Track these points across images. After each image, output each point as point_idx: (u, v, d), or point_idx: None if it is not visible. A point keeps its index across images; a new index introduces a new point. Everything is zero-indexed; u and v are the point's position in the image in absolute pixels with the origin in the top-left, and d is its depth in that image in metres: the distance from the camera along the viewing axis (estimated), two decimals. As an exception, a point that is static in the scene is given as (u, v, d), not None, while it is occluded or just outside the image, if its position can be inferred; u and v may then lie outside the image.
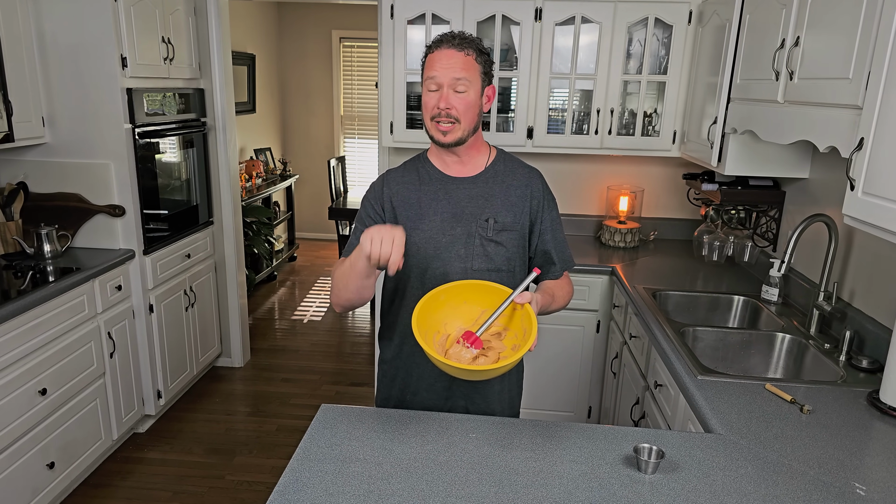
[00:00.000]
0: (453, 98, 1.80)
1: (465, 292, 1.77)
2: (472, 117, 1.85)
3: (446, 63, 1.78)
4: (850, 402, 2.01)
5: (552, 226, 1.99)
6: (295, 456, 1.62)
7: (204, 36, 4.19)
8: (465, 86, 1.79)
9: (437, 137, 1.85)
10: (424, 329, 1.68)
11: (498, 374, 1.60)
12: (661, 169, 4.12)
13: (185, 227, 4.11)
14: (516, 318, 1.75)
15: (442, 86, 1.79)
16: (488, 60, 1.86)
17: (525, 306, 1.68)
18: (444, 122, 1.81)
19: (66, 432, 3.12)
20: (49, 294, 2.95)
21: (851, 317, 2.49)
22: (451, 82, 1.78)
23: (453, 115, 1.80)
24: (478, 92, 1.83)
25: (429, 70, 1.82)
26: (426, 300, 1.72)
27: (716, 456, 1.67)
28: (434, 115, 1.82)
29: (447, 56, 1.79)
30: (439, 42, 1.81)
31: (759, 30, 2.67)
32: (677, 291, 3.10)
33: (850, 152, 1.85)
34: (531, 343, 1.60)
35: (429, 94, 1.83)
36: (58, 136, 3.46)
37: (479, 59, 1.82)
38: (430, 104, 1.83)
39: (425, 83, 1.83)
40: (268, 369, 4.84)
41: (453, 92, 1.80)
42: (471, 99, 1.82)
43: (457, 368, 1.57)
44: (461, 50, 1.79)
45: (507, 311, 1.74)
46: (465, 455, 1.64)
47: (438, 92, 1.81)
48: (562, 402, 3.77)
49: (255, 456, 3.71)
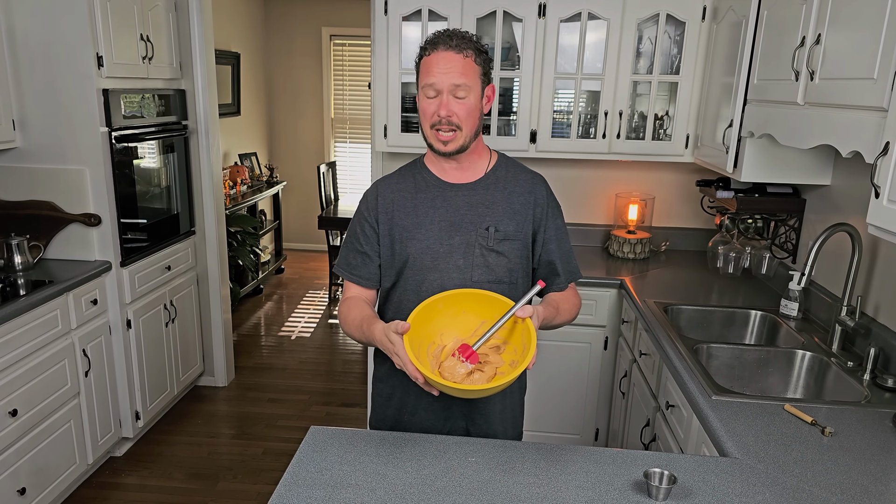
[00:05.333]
0: (454, 104, 1.80)
1: (464, 302, 1.77)
2: (474, 123, 1.86)
3: (444, 67, 1.78)
4: (875, 424, 2.02)
5: (557, 234, 2.00)
6: (282, 481, 1.62)
7: (185, 33, 4.21)
8: (466, 91, 1.80)
9: (438, 147, 1.86)
10: (419, 339, 1.69)
11: (493, 392, 1.60)
12: (673, 175, 4.14)
13: (165, 237, 4.12)
14: (517, 332, 1.75)
15: (441, 92, 1.80)
16: (487, 59, 1.87)
17: (525, 321, 1.68)
18: (444, 130, 1.82)
19: (37, 456, 3.12)
20: (20, 309, 2.95)
21: (876, 333, 2.49)
22: (451, 88, 1.79)
23: (454, 123, 1.81)
24: (478, 96, 1.84)
25: (426, 75, 1.82)
26: (422, 308, 1.73)
27: (731, 481, 1.68)
28: (434, 123, 1.83)
29: (445, 60, 1.79)
30: (434, 43, 1.81)
31: (777, 27, 2.69)
32: (690, 306, 3.11)
33: (874, 157, 1.86)
34: (529, 360, 1.60)
35: (427, 101, 1.83)
36: (29, 140, 3.47)
37: (478, 59, 1.83)
38: (428, 111, 1.83)
39: (422, 89, 1.83)
40: (253, 389, 4.83)
41: (453, 98, 1.80)
42: (472, 104, 1.82)
43: (449, 387, 1.57)
44: (459, 52, 1.79)
45: (508, 324, 1.74)
46: (465, 480, 1.64)
47: (437, 98, 1.81)
48: (567, 423, 3.77)
49: (240, 481, 3.70)
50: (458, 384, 1.64)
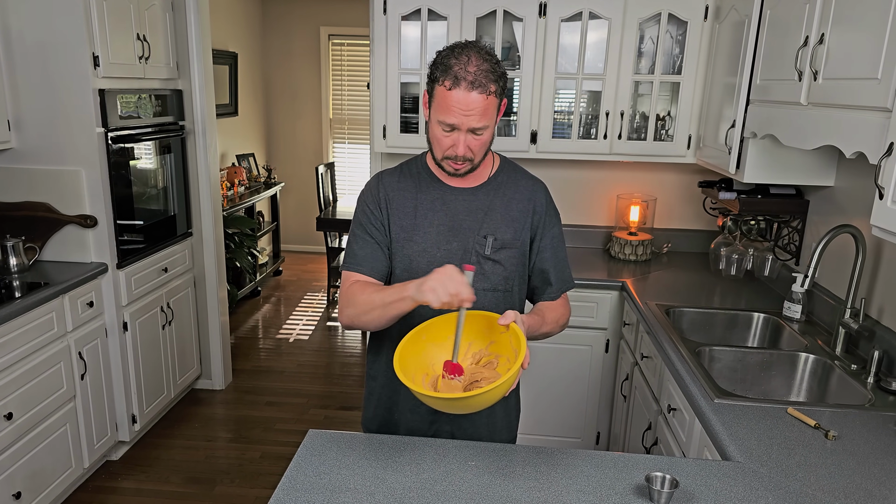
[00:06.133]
0: (471, 141, 1.78)
1: (447, 326, 1.75)
2: (486, 150, 1.85)
3: (465, 110, 1.72)
4: (879, 428, 2.02)
5: (552, 243, 2.00)
6: (280, 485, 1.62)
7: (182, 33, 4.21)
8: (483, 130, 1.77)
9: (450, 172, 1.86)
10: (411, 373, 1.67)
11: (487, 402, 1.57)
12: (675, 176, 4.14)
13: (161, 238, 4.12)
14: (504, 343, 1.73)
15: (459, 129, 1.76)
16: (506, 81, 1.80)
17: (511, 326, 1.65)
18: (458, 162, 1.81)
19: (33, 460, 3.11)
20: (15, 311, 2.95)
21: (880, 335, 2.49)
22: (470, 128, 1.75)
23: (469, 157, 1.80)
24: (494, 126, 1.82)
25: (443, 112, 1.74)
26: (406, 343, 1.71)
27: (734, 485, 1.68)
28: (448, 156, 1.81)
29: (466, 101, 1.71)
30: (456, 79, 1.70)
31: (780, 26, 2.69)
32: (692, 308, 3.11)
33: (878, 158, 1.86)
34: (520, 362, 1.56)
35: (442, 133, 1.78)
36: (25, 141, 3.47)
37: (498, 90, 1.76)
38: (443, 144, 1.80)
39: (438, 123, 1.78)
40: (251, 392, 4.83)
41: (471, 135, 1.77)
42: (487, 138, 1.81)
43: (439, 399, 1.55)
44: (483, 92, 1.71)
45: (497, 338, 1.74)
46: (464, 484, 1.64)
47: (454, 134, 1.77)
48: (568, 427, 3.77)
49: (238, 485, 3.70)
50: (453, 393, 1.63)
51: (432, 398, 1.55)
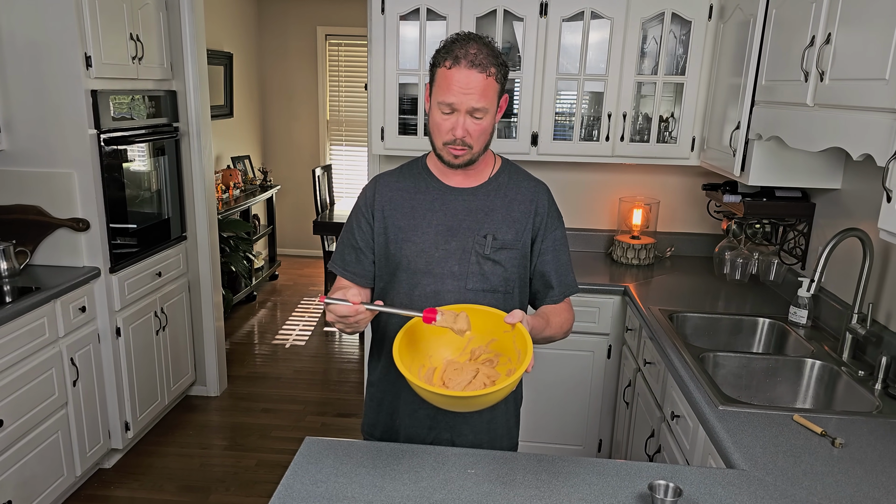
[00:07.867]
0: (470, 124, 1.80)
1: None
2: (486, 139, 1.87)
3: (465, 87, 1.76)
4: (887, 435, 2.02)
5: (554, 246, 2.00)
6: (276, 494, 1.62)
7: (176, 33, 4.22)
8: (483, 113, 1.80)
9: (449, 160, 1.87)
10: (408, 364, 1.67)
11: (486, 403, 1.58)
12: (679, 179, 4.14)
13: (155, 242, 4.12)
14: (507, 342, 1.74)
15: (458, 111, 1.79)
16: (507, 71, 1.85)
17: (517, 326, 1.67)
18: (458, 148, 1.83)
19: (24, 468, 3.11)
20: (5, 316, 2.95)
21: (888, 341, 2.50)
22: (469, 109, 1.78)
23: (468, 142, 1.82)
24: (494, 114, 1.85)
25: (444, 92, 1.79)
26: (406, 330, 1.73)
27: (738, 494, 1.68)
28: (448, 141, 1.83)
29: (466, 79, 1.75)
30: (457, 58, 1.76)
31: (786, 26, 2.70)
32: (696, 313, 3.11)
33: (886, 160, 1.87)
34: (527, 364, 1.57)
35: (442, 117, 1.82)
36: (15, 143, 3.47)
37: (498, 75, 1.81)
38: (443, 128, 1.83)
39: (438, 104, 1.82)
40: (246, 399, 4.82)
41: (470, 118, 1.80)
42: (487, 124, 1.84)
43: (443, 397, 1.55)
44: (483, 71, 1.76)
45: (499, 336, 1.74)
46: (463, 493, 1.64)
47: (453, 117, 1.80)
48: (569, 434, 3.77)
49: (233, 494, 3.70)
50: (453, 391, 1.63)
51: (434, 394, 1.55)
